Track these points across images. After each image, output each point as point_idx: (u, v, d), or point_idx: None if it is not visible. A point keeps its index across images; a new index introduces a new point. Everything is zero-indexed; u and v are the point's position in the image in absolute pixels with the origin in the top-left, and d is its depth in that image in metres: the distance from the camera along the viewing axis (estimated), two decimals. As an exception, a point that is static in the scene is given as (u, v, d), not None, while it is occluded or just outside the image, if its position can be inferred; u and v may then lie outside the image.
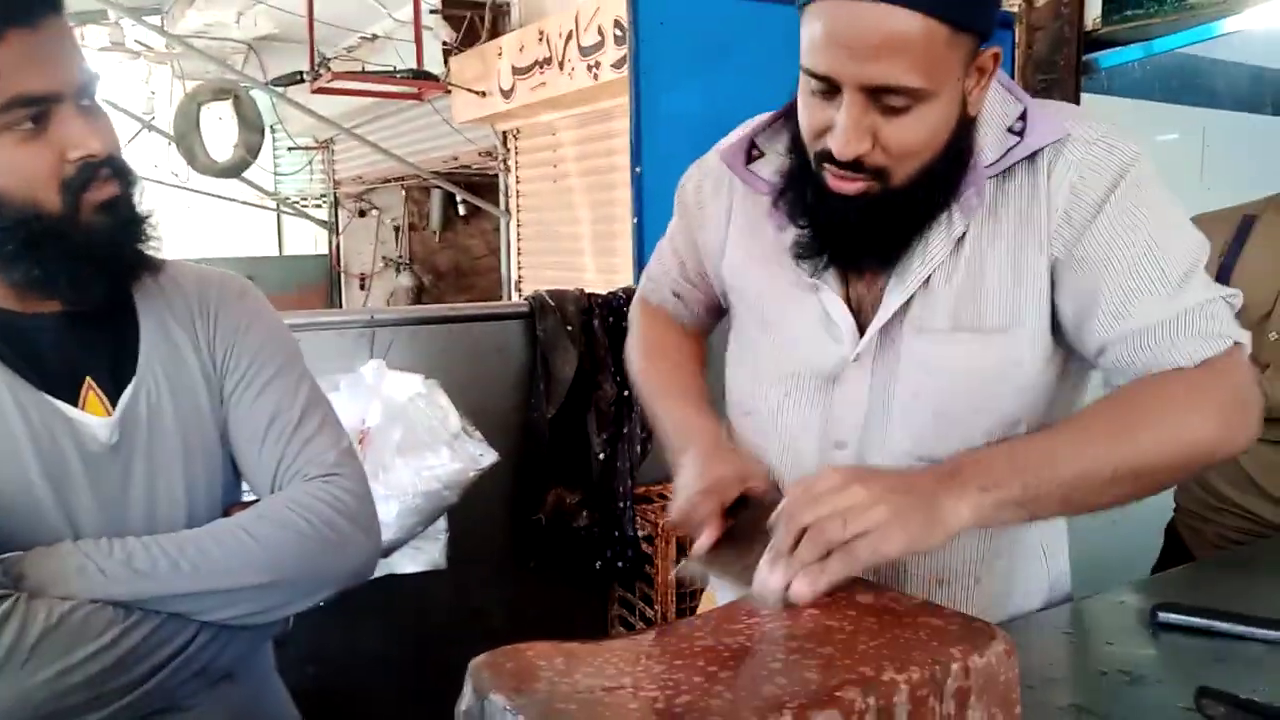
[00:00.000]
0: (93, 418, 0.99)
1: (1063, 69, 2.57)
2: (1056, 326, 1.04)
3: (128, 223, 0.97)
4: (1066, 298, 1.02)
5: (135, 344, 1.04)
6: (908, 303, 1.06)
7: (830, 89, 0.95)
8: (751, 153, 1.16)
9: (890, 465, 1.08)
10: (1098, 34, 2.57)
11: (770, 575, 0.83)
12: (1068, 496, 0.91)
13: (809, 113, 1.00)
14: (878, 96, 0.93)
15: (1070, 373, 1.08)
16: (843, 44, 0.91)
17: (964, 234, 1.04)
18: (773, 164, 1.13)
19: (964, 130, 1.01)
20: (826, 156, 0.98)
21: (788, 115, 1.10)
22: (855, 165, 0.97)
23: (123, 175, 0.96)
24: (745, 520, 1.00)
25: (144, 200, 1.01)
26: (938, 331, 1.05)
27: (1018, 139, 1.02)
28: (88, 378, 1.00)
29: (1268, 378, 1.83)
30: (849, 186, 0.99)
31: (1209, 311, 0.97)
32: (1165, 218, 1.00)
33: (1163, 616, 1.11)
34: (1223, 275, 1.93)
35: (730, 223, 1.20)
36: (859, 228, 1.01)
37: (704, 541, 0.98)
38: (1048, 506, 0.92)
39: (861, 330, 1.09)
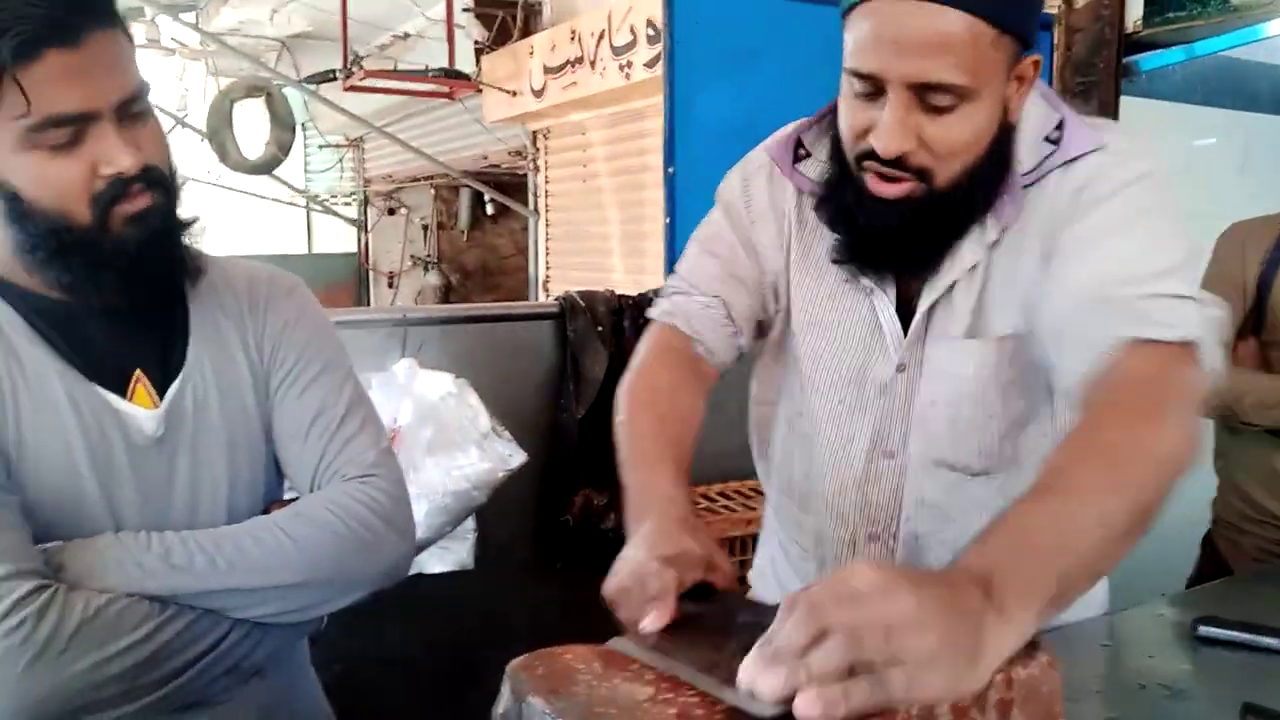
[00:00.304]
0: (140, 410, 1.00)
1: (1102, 71, 2.54)
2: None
3: (159, 233, 0.97)
4: (1045, 282, 1.00)
5: (185, 338, 1.05)
6: (933, 309, 1.07)
7: (874, 90, 0.96)
8: (798, 152, 1.15)
9: (918, 474, 1.07)
10: (1138, 36, 2.54)
11: (765, 673, 0.62)
12: (1093, 566, 0.79)
13: (851, 114, 1.00)
14: (923, 95, 0.93)
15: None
16: (890, 41, 0.92)
17: (995, 240, 1.04)
18: (818, 165, 1.13)
19: (1005, 135, 1.01)
20: (869, 156, 0.98)
21: (831, 116, 1.09)
22: (898, 164, 0.97)
23: (159, 185, 0.96)
24: (709, 612, 0.81)
25: (184, 207, 1.02)
26: (953, 338, 1.06)
27: (1054, 148, 1.03)
28: (137, 370, 1.01)
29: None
30: (891, 189, 0.99)
31: (1175, 306, 0.91)
32: (1161, 223, 0.98)
33: (1203, 630, 1.09)
34: (1264, 283, 1.90)
35: (789, 218, 1.18)
36: (898, 231, 1.01)
37: (652, 621, 0.78)
38: (1077, 586, 0.78)
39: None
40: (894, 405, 1.10)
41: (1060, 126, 1.03)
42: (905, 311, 1.10)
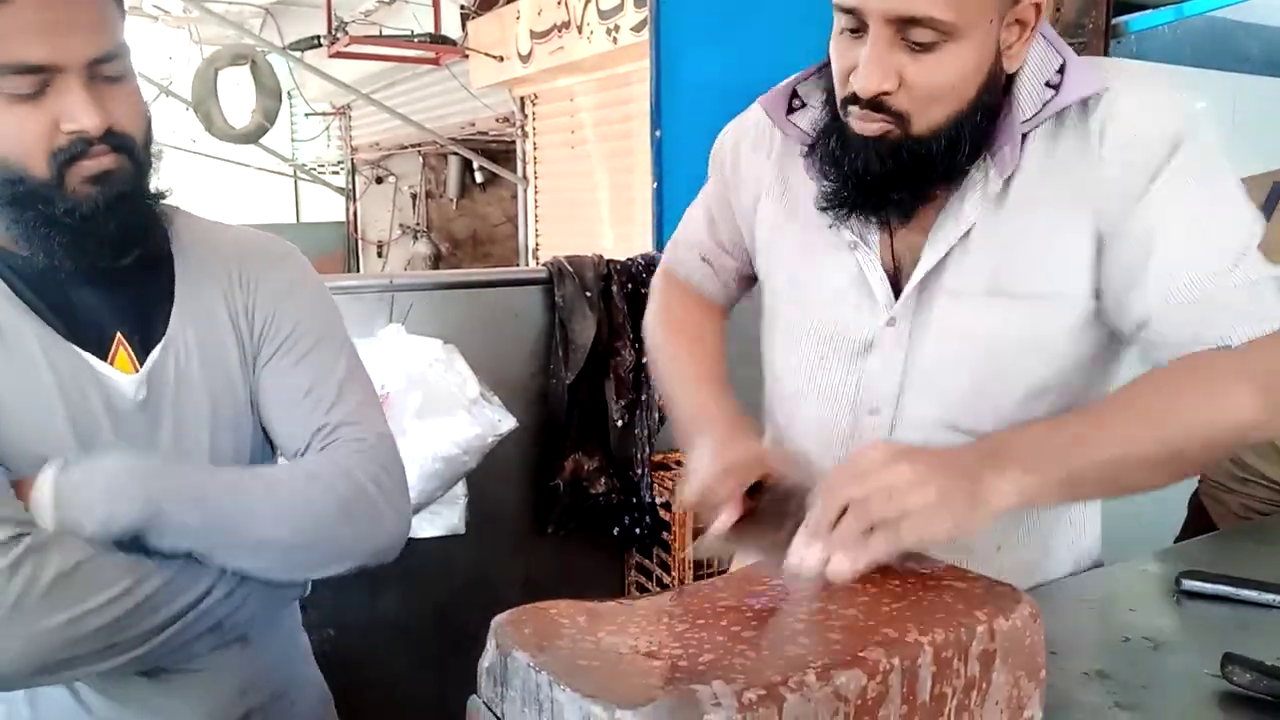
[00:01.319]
0: (121, 373, 0.99)
1: (1091, 31, 2.52)
2: (1098, 296, 1.00)
3: (119, 197, 0.94)
4: (1113, 268, 0.98)
5: (169, 304, 1.03)
6: (942, 265, 1.03)
7: (858, 26, 0.93)
8: (793, 102, 1.12)
9: (922, 435, 1.07)
10: (1127, -4, 2.53)
11: (808, 550, 0.80)
12: (1110, 478, 0.90)
13: (838, 55, 0.98)
14: (904, 30, 0.90)
15: (1106, 345, 1.04)
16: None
17: (1000, 192, 1.00)
18: (812, 115, 1.10)
19: (996, 84, 0.97)
20: (852, 99, 0.96)
21: (828, 66, 1.06)
22: (877, 106, 0.94)
23: (125, 150, 0.94)
24: (766, 503, 0.98)
25: (157, 177, 1.00)
26: (973, 295, 1.02)
27: (1054, 93, 0.98)
28: (118, 333, 1.00)
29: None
30: (871, 126, 0.96)
31: (1257, 291, 0.92)
32: (1221, 190, 0.96)
33: (1187, 584, 1.10)
34: (1253, 242, 1.90)
35: (768, 179, 1.17)
36: (881, 175, 0.98)
37: (725, 520, 0.96)
38: (1090, 488, 0.92)
39: (897, 294, 1.06)
40: (882, 362, 1.08)
41: (1061, 70, 0.98)
42: (910, 265, 1.06)
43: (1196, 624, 1.05)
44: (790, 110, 1.12)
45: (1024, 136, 1.00)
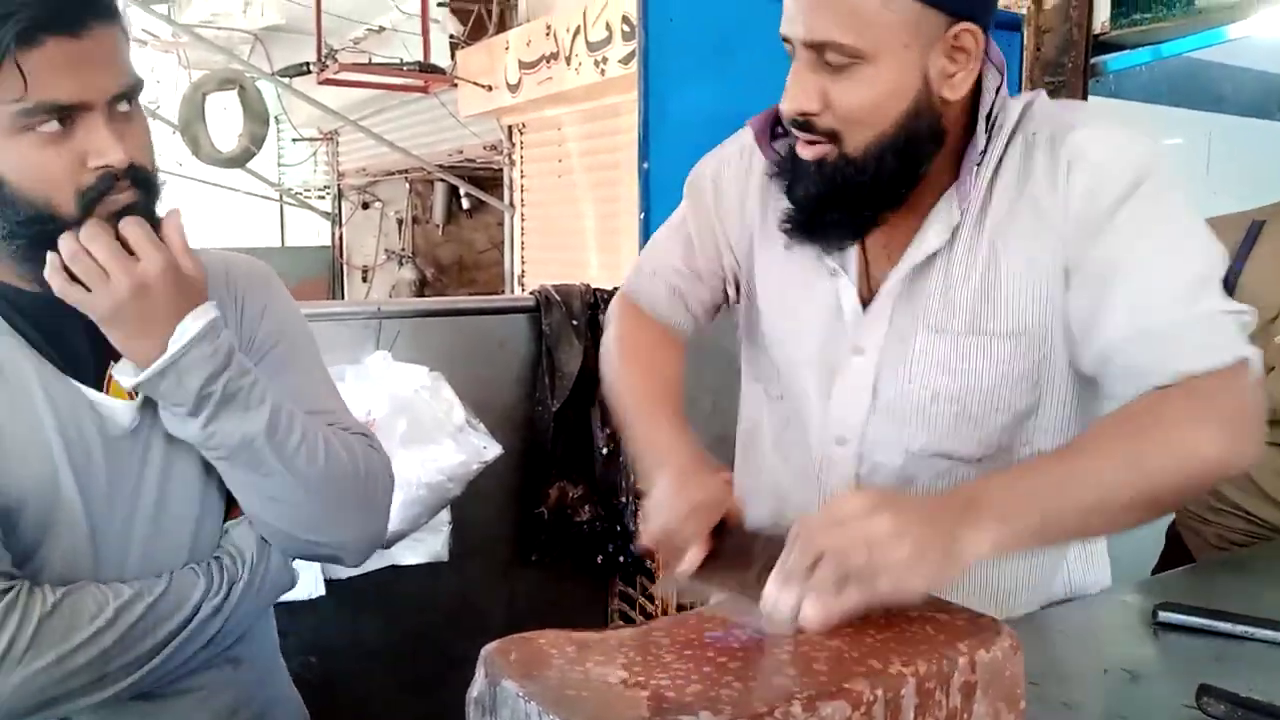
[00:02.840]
0: (116, 401, 1.00)
1: (1070, 71, 2.57)
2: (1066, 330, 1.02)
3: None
4: (1076, 301, 1.00)
5: None
6: (912, 296, 1.06)
7: (793, 52, 0.99)
8: (775, 129, 1.15)
9: (902, 463, 1.09)
10: (1106, 37, 2.57)
11: (782, 594, 0.79)
12: (1085, 523, 0.92)
13: (787, 83, 1.02)
14: (820, 53, 0.96)
15: (1082, 377, 1.06)
16: (792, 3, 0.97)
17: (966, 224, 1.03)
18: (789, 142, 1.13)
19: (930, 111, 0.99)
20: (789, 121, 1.01)
21: None
22: (807, 126, 0.99)
23: (144, 184, 0.96)
24: (731, 542, 0.97)
25: (162, 207, 1.02)
26: (957, 334, 1.04)
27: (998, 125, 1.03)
28: (112, 362, 1.01)
29: (1272, 380, 1.84)
30: (808, 151, 1.01)
31: (1218, 324, 0.94)
32: (1181, 225, 0.98)
33: (1164, 616, 1.11)
34: (1230, 279, 1.93)
35: (752, 204, 1.19)
36: (818, 196, 1.03)
37: (693, 559, 0.95)
38: (1065, 533, 0.94)
39: None
40: (851, 391, 1.10)
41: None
42: (873, 294, 1.10)
43: (1173, 655, 1.06)
44: (774, 136, 1.15)
45: (995, 172, 1.03)
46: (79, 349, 0.99)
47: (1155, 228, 0.97)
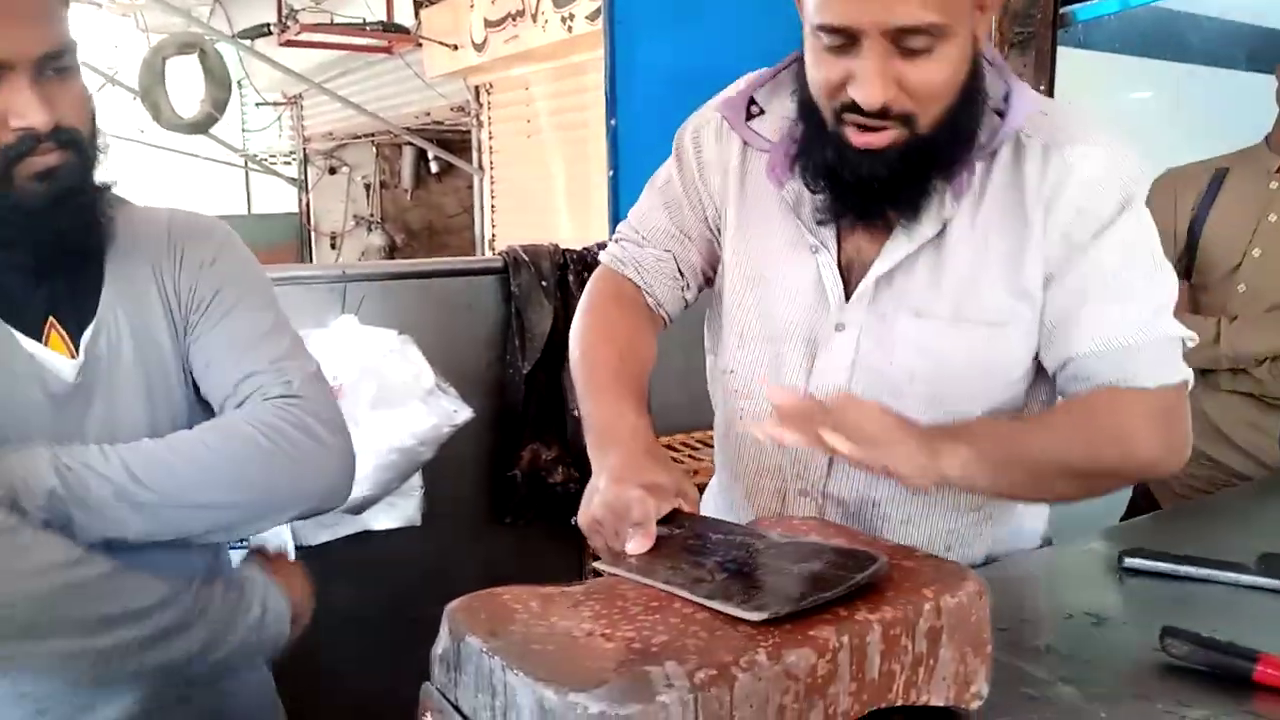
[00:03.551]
0: (58, 356, 0.98)
1: (1038, 22, 2.55)
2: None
3: (65, 193, 0.94)
4: (1050, 307, 1.05)
5: (99, 284, 1.03)
6: (894, 278, 1.06)
7: (846, 41, 0.94)
8: (750, 109, 1.14)
9: None
10: (1074, -14, 2.56)
11: (783, 433, 0.90)
12: (1032, 474, 1.01)
13: (823, 69, 0.98)
14: (899, 40, 0.92)
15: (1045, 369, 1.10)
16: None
17: (957, 216, 1.04)
18: (771, 122, 1.13)
19: (977, 68, 1.01)
20: (849, 109, 0.97)
21: (793, 72, 1.09)
22: (882, 113, 0.96)
23: (72, 145, 0.94)
24: (681, 534, 0.88)
25: (103, 170, 0.99)
26: (940, 319, 1.06)
27: (1001, 120, 1.03)
28: (50, 317, 0.99)
29: (1235, 329, 1.86)
30: (876, 139, 0.98)
31: (1172, 348, 1.03)
32: (1151, 252, 1.05)
33: (1129, 562, 1.13)
34: (1195, 227, 1.95)
35: (731, 175, 1.18)
36: (888, 179, 1.00)
37: (638, 545, 0.86)
38: (1012, 478, 1.01)
39: (849, 295, 1.09)
40: (830, 365, 1.10)
41: (1007, 98, 1.04)
42: (851, 272, 1.10)
43: (1138, 600, 1.08)
44: (749, 115, 1.14)
45: (988, 170, 1.05)
46: (15, 302, 0.97)
47: (1129, 255, 1.03)
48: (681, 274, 1.23)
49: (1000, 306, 1.05)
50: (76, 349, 0.99)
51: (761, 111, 1.14)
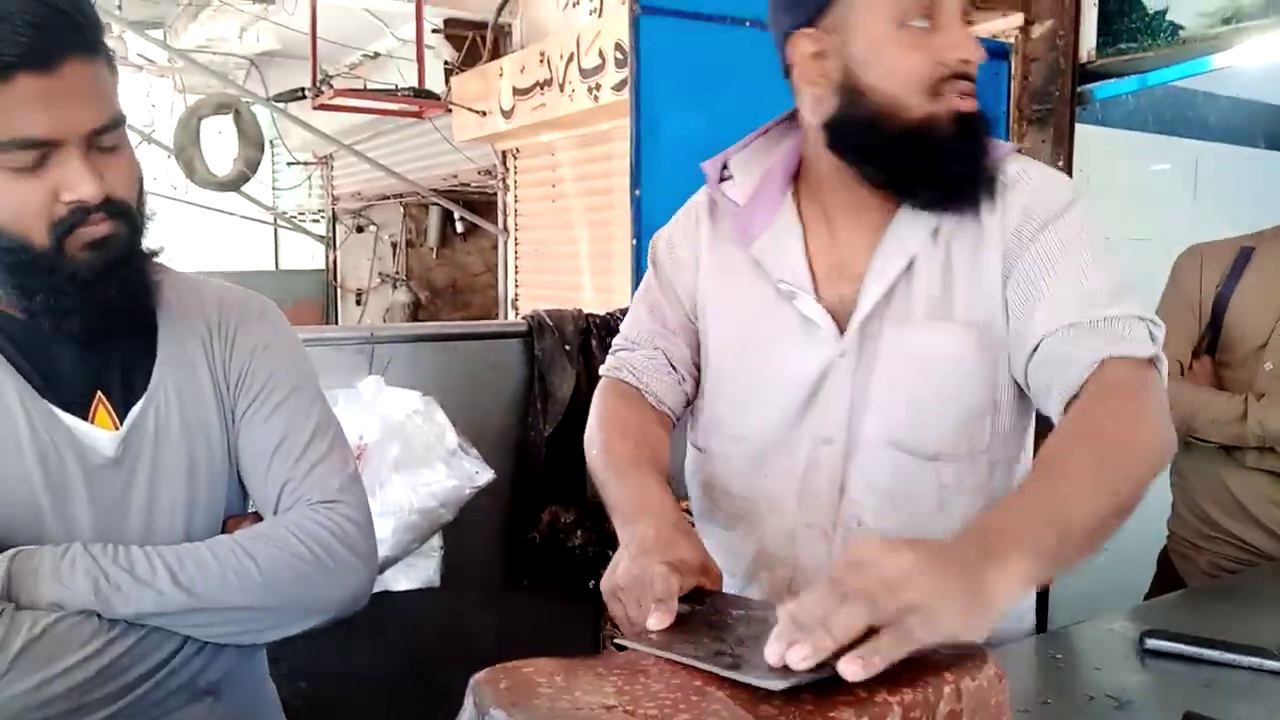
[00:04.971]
0: (99, 431, 1.00)
1: (1058, 99, 2.60)
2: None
3: (116, 261, 0.97)
4: (1011, 303, 1.09)
5: (151, 360, 1.05)
6: (888, 296, 1.11)
7: (926, 15, 1.03)
8: (723, 174, 1.22)
9: (872, 457, 1.12)
10: (1092, 66, 2.61)
11: (794, 644, 0.70)
12: (1086, 536, 0.86)
13: (915, 53, 1.04)
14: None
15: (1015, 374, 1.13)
16: None
17: (938, 228, 1.11)
18: (741, 186, 1.20)
19: None
20: (954, 78, 1.05)
21: (769, 135, 1.21)
22: (971, 76, 1.05)
23: (122, 216, 0.97)
24: (703, 611, 0.87)
25: (150, 237, 1.02)
26: (918, 321, 1.10)
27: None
28: (99, 391, 1.01)
29: (1262, 407, 1.85)
30: (970, 101, 1.06)
31: (1134, 324, 1.02)
32: (1103, 244, 1.08)
33: (1151, 643, 1.12)
34: (1220, 305, 1.95)
35: (701, 258, 1.25)
36: (977, 143, 1.09)
37: (658, 620, 0.84)
38: (1075, 552, 0.86)
39: (841, 327, 1.13)
40: (834, 393, 1.13)
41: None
42: (850, 301, 1.13)
43: (1160, 683, 1.07)
44: (722, 179, 1.22)
45: None
46: (66, 376, 1.00)
47: (1083, 242, 1.07)
48: (674, 368, 1.27)
49: (973, 307, 1.10)
50: (123, 421, 1.02)
51: (732, 177, 1.22)
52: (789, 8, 1.10)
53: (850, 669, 0.68)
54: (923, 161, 1.07)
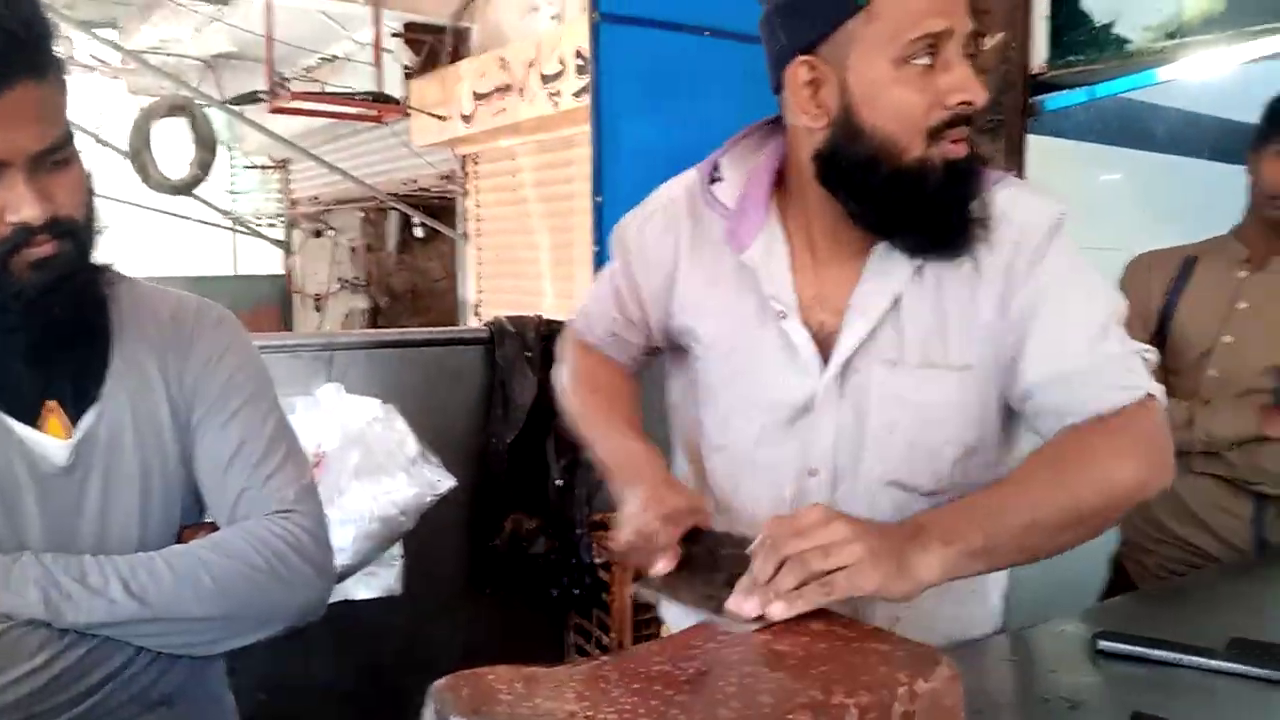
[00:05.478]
0: (49, 439, 0.99)
1: (1009, 110, 2.65)
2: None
3: (61, 279, 0.95)
4: (1004, 342, 1.08)
5: (105, 368, 1.04)
6: (876, 338, 1.09)
7: (931, 52, 0.99)
8: (714, 175, 1.18)
9: (865, 492, 1.12)
10: (1043, 77, 2.66)
11: (746, 601, 0.87)
12: (1021, 544, 0.96)
13: (915, 93, 0.99)
14: (969, 41, 1.00)
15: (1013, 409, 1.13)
16: None
17: (922, 265, 1.08)
18: (730, 188, 1.17)
19: None
20: (955, 122, 1.00)
21: (754, 137, 1.18)
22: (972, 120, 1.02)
23: (68, 235, 0.95)
24: (698, 551, 1.02)
25: (96, 251, 1.01)
26: (911, 366, 1.09)
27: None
28: (51, 400, 1.00)
29: (1208, 413, 1.90)
30: (964, 148, 1.03)
31: (1127, 364, 1.03)
32: (1088, 275, 1.08)
33: (1103, 645, 1.14)
34: (1166, 312, 2.00)
35: (681, 259, 1.21)
36: (966, 190, 1.05)
37: (663, 566, 1.00)
38: (1005, 555, 0.98)
39: (825, 358, 1.11)
40: (819, 424, 1.13)
41: None
42: (833, 331, 1.12)
43: (1112, 683, 1.09)
44: (711, 180, 1.18)
45: None
46: (17, 385, 0.98)
47: (1068, 278, 1.06)
48: (627, 353, 1.33)
49: (965, 350, 1.09)
50: (75, 429, 1.00)
51: (722, 178, 1.18)
52: (788, 31, 1.05)
53: (776, 610, 0.85)
54: (909, 208, 1.04)
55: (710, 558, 1.00)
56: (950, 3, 0.99)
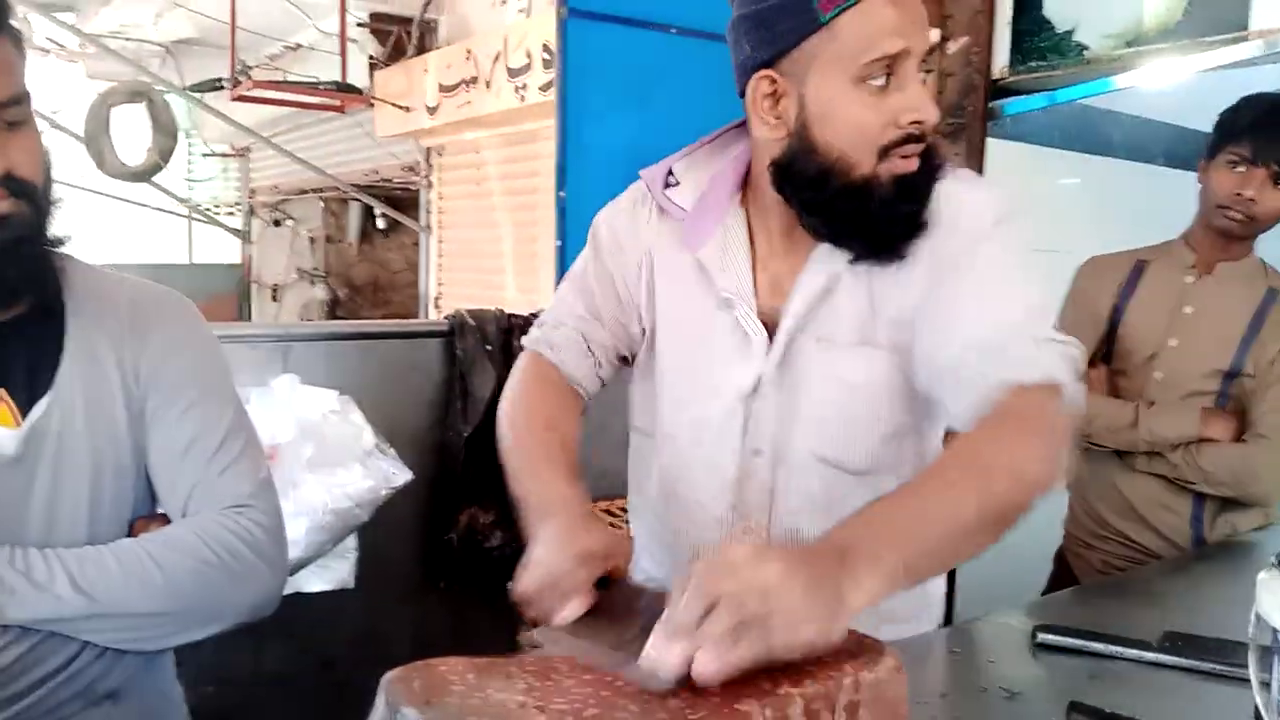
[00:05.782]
0: None
1: (970, 114, 2.69)
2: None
3: (14, 242, 0.94)
4: (927, 314, 1.08)
5: (58, 356, 1.03)
6: (812, 314, 1.13)
7: (887, 74, 1.02)
8: (668, 179, 1.22)
9: (800, 470, 1.15)
10: (1004, 82, 2.71)
11: (669, 648, 0.73)
12: (941, 552, 0.91)
13: (870, 112, 1.03)
14: (924, 59, 1.02)
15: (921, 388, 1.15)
16: (912, 17, 1.01)
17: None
18: (686, 192, 1.20)
19: None
20: (904, 141, 1.03)
21: (704, 145, 1.20)
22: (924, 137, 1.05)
23: (23, 196, 0.94)
24: (613, 598, 0.91)
25: (55, 222, 1.00)
26: (844, 345, 1.13)
27: None
28: (0, 387, 0.98)
29: (1152, 414, 1.95)
30: (914, 164, 1.05)
31: (1045, 347, 1.01)
32: (1024, 262, 1.08)
33: (1042, 637, 1.18)
34: (1116, 315, 2.05)
35: (646, 251, 1.25)
36: (913, 204, 1.07)
37: (571, 611, 0.89)
38: (931, 564, 0.93)
39: (772, 341, 1.15)
40: (762, 404, 1.16)
41: None
42: (769, 315, 1.16)
43: (1049, 675, 1.12)
44: (666, 185, 1.22)
45: None
46: None
47: (1003, 260, 1.07)
48: (591, 352, 1.27)
49: (896, 329, 1.11)
50: (24, 418, 0.99)
51: (678, 183, 1.22)
52: (752, 42, 1.07)
53: (705, 664, 0.71)
54: (855, 220, 1.07)
55: (625, 607, 0.89)
56: (909, 23, 1.01)
